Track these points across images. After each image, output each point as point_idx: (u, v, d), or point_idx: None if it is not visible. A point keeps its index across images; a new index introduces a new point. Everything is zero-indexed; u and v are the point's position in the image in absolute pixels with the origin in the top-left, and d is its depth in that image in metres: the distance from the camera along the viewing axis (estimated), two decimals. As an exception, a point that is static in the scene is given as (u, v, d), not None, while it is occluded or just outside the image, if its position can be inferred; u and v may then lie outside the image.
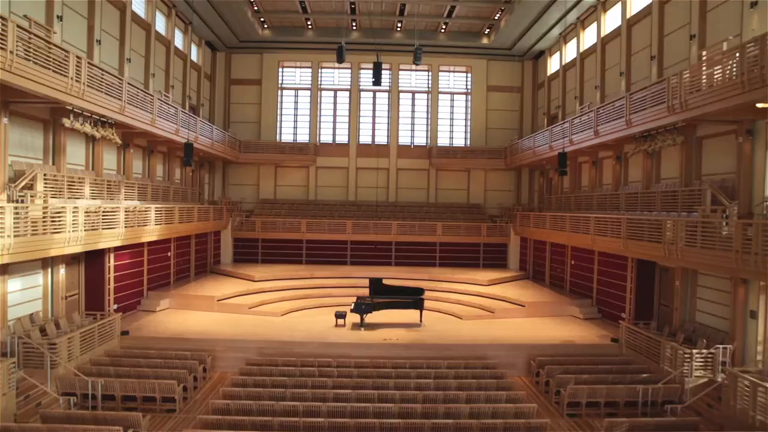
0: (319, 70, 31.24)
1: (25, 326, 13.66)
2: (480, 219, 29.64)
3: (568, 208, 23.43)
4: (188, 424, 11.32)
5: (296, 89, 31.47)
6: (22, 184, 12.74)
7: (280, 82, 31.26)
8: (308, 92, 31.35)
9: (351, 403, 11.17)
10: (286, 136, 31.43)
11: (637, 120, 15.73)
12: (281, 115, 31.44)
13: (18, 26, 10.78)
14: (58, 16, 15.27)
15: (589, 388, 12.67)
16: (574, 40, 25.08)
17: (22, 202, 12.34)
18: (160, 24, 23.02)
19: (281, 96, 31.41)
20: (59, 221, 12.47)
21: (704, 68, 12.48)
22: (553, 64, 28.39)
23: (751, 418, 10.82)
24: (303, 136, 31.32)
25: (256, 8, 26.26)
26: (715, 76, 12.26)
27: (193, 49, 27.24)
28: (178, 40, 25.12)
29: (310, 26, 28.54)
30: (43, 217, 11.96)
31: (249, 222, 27.89)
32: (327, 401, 11.35)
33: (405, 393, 11.81)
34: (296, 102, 31.49)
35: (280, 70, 31.29)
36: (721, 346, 13.12)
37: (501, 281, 25.18)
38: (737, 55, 11.22)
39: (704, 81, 12.47)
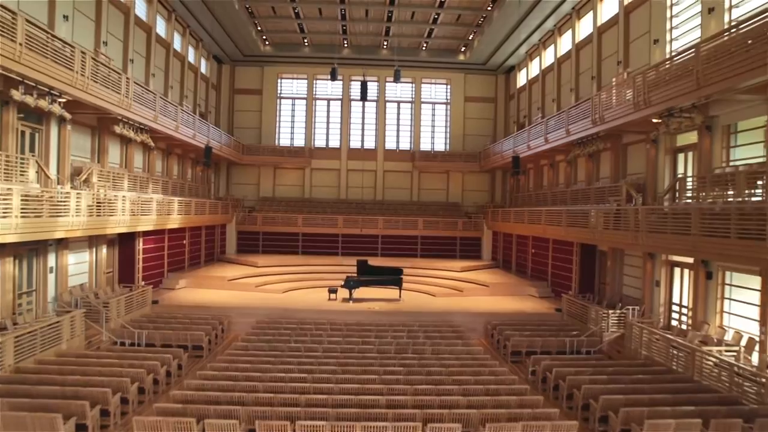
0: (314, 82, 34.81)
1: (75, 294, 17.01)
2: (457, 216, 33.24)
3: (530, 205, 27.09)
4: (214, 361, 14.73)
5: (293, 98, 35.00)
6: (83, 177, 16.15)
7: (278, 92, 34.77)
8: (304, 101, 34.90)
9: (341, 345, 14.63)
10: (284, 141, 34.92)
11: (574, 129, 19.43)
12: (280, 121, 34.93)
13: (93, 58, 14.25)
14: (103, 42, 18.72)
15: (528, 340, 16.16)
16: (537, 58, 28.84)
17: (83, 191, 15.73)
18: (177, 42, 26.47)
19: (280, 104, 34.93)
20: (113, 207, 15.89)
21: (614, 91, 16.17)
22: (521, 79, 32.13)
23: (640, 354, 14.46)
24: (299, 141, 34.84)
25: (259, 28, 29.78)
26: (626, 97, 15.94)
27: (203, 62, 30.69)
28: (191, 56, 28.58)
29: (306, 43, 32.10)
30: (101, 203, 15.37)
31: (251, 217, 31.33)
32: (323, 344, 14.80)
33: (383, 341, 15.28)
34: (293, 110, 35.03)
35: (279, 81, 34.80)
36: (631, 307, 16.77)
37: (473, 269, 28.78)
38: (632, 81, 14.91)
39: (614, 100, 16.15)
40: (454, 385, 10.91)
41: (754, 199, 11.90)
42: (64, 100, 13.93)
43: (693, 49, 12.44)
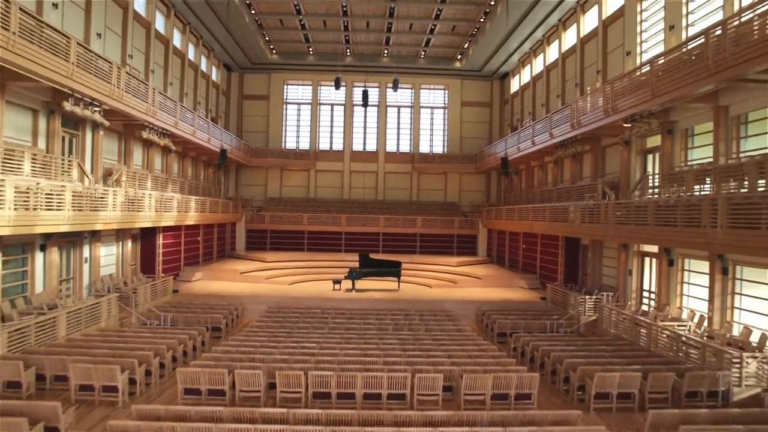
0: (319, 88, 36.78)
1: (106, 282, 18.96)
2: (455, 215, 35.11)
3: (522, 203, 28.92)
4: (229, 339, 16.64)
5: (299, 104, 36.97)
6: (115, 178, 18.11)
7: (285, 97, 36.76)
8: (309, 106, 36.86)
9: (344, 325, 16.50)
10: (290, 144, 36.88)
11: (556, 133, 21.32)
12: (286, 125, 36.91)
13: (127, 73, 16.22)
14: (129, 55, 20.72)
15: (512, 322, 18.00)
16: (529, 66, 30.74)
17: (117, 189, 17.69)
18: (191, 53, 28.47)
19: (286, 109, 36.90)
20: (141, 204, 17.84)
21: (588, 98, 18.06)
22: (514, 84, 34.03)
23: (609, 333, 16.31)
24: (304, 144, 36.80)
25: (267, 38, 31.78)
26: (598, 104, 17.82)
27: (214, 70, 32.68)
28: (203, 65, 30.58)
29: (311, 52, 34.08)
30: (132, 201, 17.31)
31: (259, 216, 33.28)
32: (328, 325, 16.69)
33: (382, 322, 17.17)
34: (299, 115, 37.00)
35: (285, 87, 36.79)
36: (605, 293, 18.63)
37: (468, 264, 30.65)
38: (602, 90, 16.79)
39: (589, 107, 18.04)
40: (442, 352, 12.79)
41: (703, 193, 13.76)
42: (99, 109, 15.88)
43: (648, 64, 14.33)
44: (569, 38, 25.33)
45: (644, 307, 18.00)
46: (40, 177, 13.47)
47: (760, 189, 11.09)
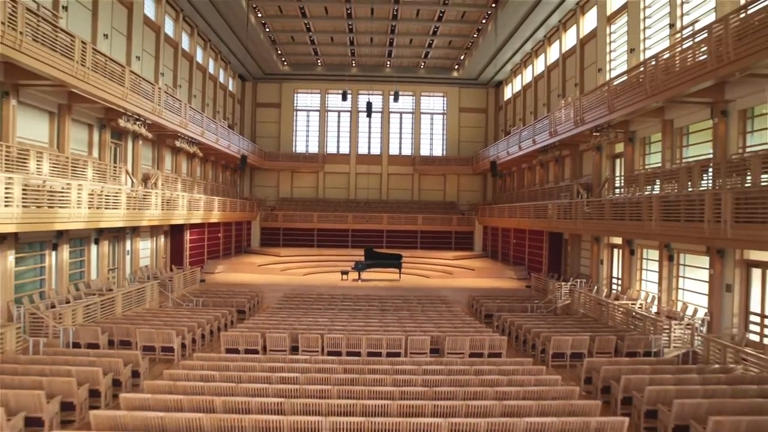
0: (326, 96, 39.60)
1: (144, 272, 21.81)
2: (453, 213, 37.82)
3: (513, 203, 31.59)
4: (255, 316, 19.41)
5: (308, 111, 39.80)
6: (153, 181, 20.94)
7: (295, 105, 39.59)
8: (317, 113, 39.68)
9: (351, 307, 19.23)
10: (300, 148, 39.71)
11: (538, 140, 24.01)
12: (296, 131, 39.74)
13: (166, 92, 19.07)
14: (161, 73, 23.56)
15: (497, 305, 20.69)
16: (520, 76, 33.41)
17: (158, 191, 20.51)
18: (211, 67, 31.34)
19: (296, 116, 39.73)
20: (176, 203, 20.68)
21: (563, 110, 20.75)
22: (507, 93, 36.69)
23: (579, 312, 18.99)
24: (313, 148, 39.63)
25: (279, 52, 34.61)
26: (570, 116, 20.49)
27: (230, 81, 35.56)
28: (221, 77, 33.45)
29: (319, 63, 36.90)
30: (168, 201, 20.14)
31: (273, 214, 36.12)
32: (338, 307, 19.43)
33: (384, 305, 19.87)
34: (308, 121, 39.83)
35: (295, 95, 39.62)
36: (580, 280, 21.29)
37: (464, 257, 33.36)
38: (572, 104, 19.48)
39: (563, 118, 20.72)
40: (432, 325, 15.51)
41: (654, 192, 16.41)
42: (143, 123, 18.71)
43: (606, 84, 17.02)
44: (553, 53, 27.99)
45: (614, 291, 20.68)
46: (98, 182, 16.29)
47: (690, 191, 13.74)
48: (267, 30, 30.48)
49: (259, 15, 28.57)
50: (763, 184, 11.16)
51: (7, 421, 7.68)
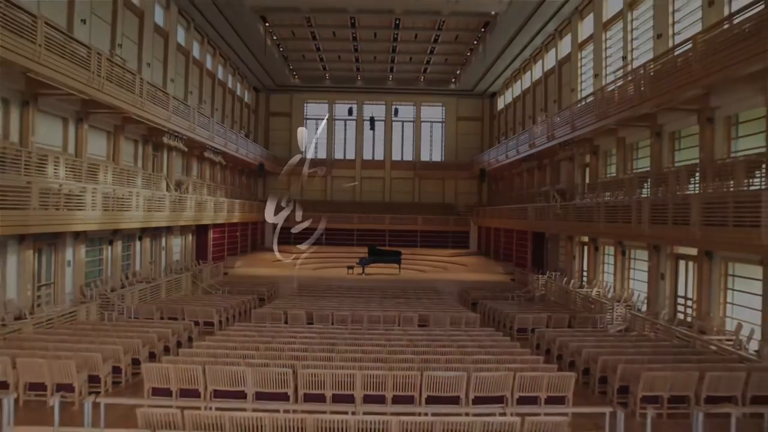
0: (334, 106, 42.91)
1: (175, 266, 25.16)
2: (451, 214, 41.00)
3: (503, 205, 34.75)
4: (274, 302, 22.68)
5: (316, 120, 43.10)
6: (185, 187, 24.30)
7: (304, 114, 42.93)
8: (325, 122, 42.97)
9: (356, 297, 22.47)
10: (309, 154, 42.94)
11: (521, 150, 27.22)
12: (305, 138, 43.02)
13: (200, 113, 22.45)
14: (189, 92, 26.93)
15: (482, 294, 23.85)
16: (510, 89, 36.58)
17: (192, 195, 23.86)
18: (230, 82, 34.71)
19: (305, 125, 43.02)
20: (205, 206, 24.02)
21: (539, 126, 23.93)
22: (500, 103, 39.87)
23: (550, 300, 22.18)
24: (321, 154, 42.93)
25: (291, 67, 37.98)
26: (544, 131, 23.65)
27: (246, 93, 38.93)
28: (238, 90, 36.83)
29: (327, 77, 40.23)
30: (200, 204, 23.47)
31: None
32: (344, 295, 22.67)
33: (384, 294, 23.12)
34: (317, 129, 43.07)
35: (305, 105, 42.96)
36: (555, 273, 24.47)
37: (459, 255, 36.56)
38: (545, 121, 22.68)
39: (539, 132, 23.90)
40: (423, 308, 18.74)
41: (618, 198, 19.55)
42: (181, 138, 22.06)
43: (568, 107, 20.22)
44: (537, 70, 31.15)
45: (584, 282, 23.82)
46: (146, 189, 19.66)
47: (634, 197, 16.89)
48: (281, 50, 33.81)
49: (275, 38, 31.90)
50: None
51: (103, 363, 10.87)
